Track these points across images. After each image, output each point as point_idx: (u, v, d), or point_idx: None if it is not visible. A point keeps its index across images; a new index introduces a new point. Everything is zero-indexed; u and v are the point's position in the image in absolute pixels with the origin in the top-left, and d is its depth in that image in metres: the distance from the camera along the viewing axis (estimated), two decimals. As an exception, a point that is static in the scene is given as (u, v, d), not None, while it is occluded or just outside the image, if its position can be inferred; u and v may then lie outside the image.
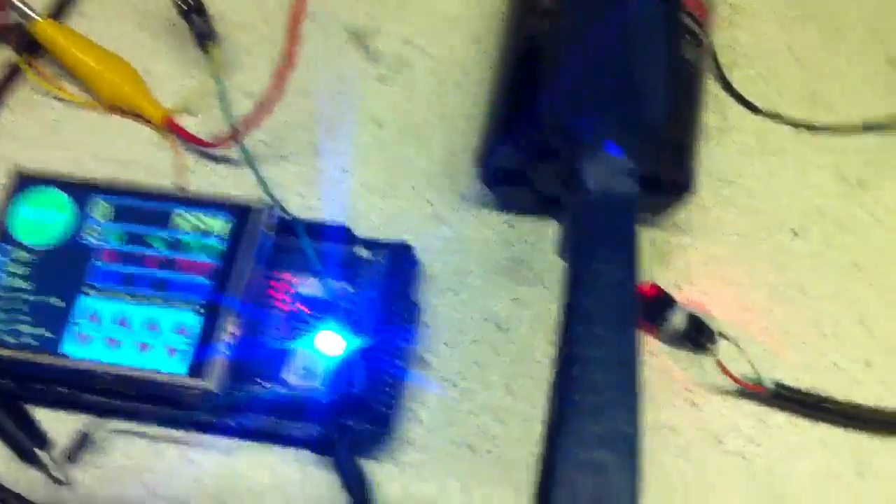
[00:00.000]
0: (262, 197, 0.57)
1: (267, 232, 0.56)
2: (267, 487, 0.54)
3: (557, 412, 0.45)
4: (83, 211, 0.57)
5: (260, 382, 0.53)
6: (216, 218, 0.56)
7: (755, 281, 0.58)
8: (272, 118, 0.61)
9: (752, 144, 0.63)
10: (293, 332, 0.55)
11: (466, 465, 0.54)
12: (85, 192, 0.57)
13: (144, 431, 0.55)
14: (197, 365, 0.53)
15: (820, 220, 0.60)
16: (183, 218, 0.56)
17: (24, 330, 0.54)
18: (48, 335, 0.54)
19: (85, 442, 0.55)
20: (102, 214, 0.56)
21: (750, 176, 0.62)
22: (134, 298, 0.54)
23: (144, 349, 0.53)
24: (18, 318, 0.54)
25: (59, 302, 0.54)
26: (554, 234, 0.53)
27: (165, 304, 0.54)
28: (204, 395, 0.52)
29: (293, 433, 0.54)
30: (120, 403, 0.54)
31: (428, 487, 0.54)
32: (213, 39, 0.64)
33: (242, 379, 0.54)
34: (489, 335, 0.58)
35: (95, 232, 0.56)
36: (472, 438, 0.55)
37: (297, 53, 0.58)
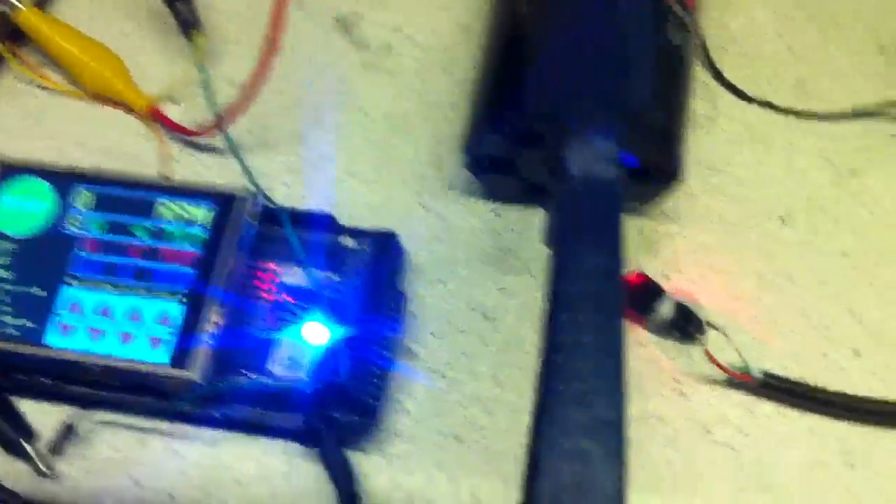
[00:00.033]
0: (246, 186, 0.56)
1: (251, 221, 0.55)
2: (253, 479, 0.54)
3: (541, 400, 0.44)
4: (65, 200, 0.56)
5: (244, 373, 0.53)
6: (199, 207, 0.55)
7: (743, 269, 0.58)
8: (257, 107, 0.61)
9: (740, 132, 0.62)
10: (278, 322, 0.54)
11: (454, 456, 0.54)
12: (67, 181, 0.57)
13: (130, 423, 0.55)
14: (179, 355, 0.52)
15: (808, 208, 0.60)
16: (166, 207, 0.55)
17: (6, 320, 0.53)
18: (30, 325, 0.53)
19: (70, 434, 0.54)
20: (85, 204, 0.56)
21: (738, 164, 0.61)
22: (116, 288, 0.54)
23: (127, 339, 0.53)
24: (0, 308, 0.54)
25: (41, 292, 0.54)
26: (541, 222, 0.53)
27: (148, 294, 0.54)
28: (187, 385, 0.52)
29: (278, 424, 0.53)
30: (104, 394, 0.54)
31: (415, 479, 0.53)
32: (197, 28, 0.63)
33: (227, 369, 0.53)
34: (476, 325, 0.57)
35: (78, 221, 0.55)
36: (459, 429, 0.55)
37: (280, 40, 0.57)
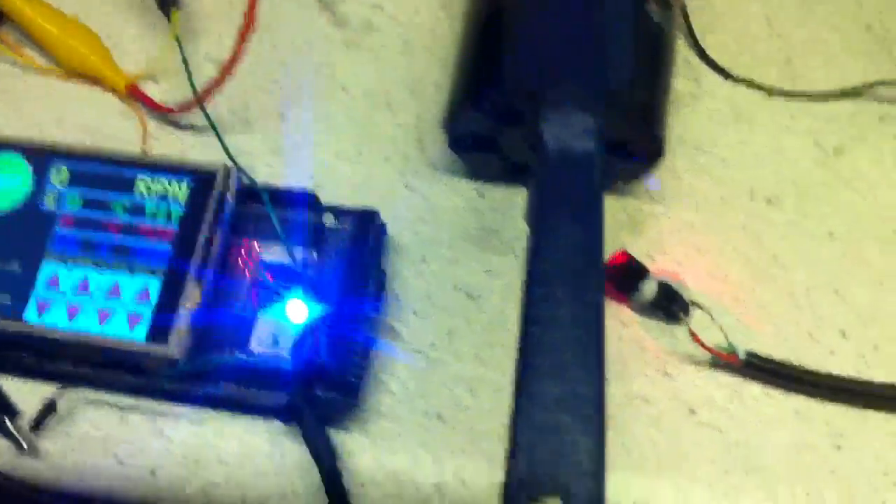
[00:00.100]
0: (225, 163, 0.55)
1: (229, 197, 0.55)
2: (237, 457, 0.53)
3: (518, 375, 0.44)
4: (43, 176, 0.55)
5: (224, 351, 0.52)
6: (178, 183, 0.55)
7: (729, 250, 0.58)
8: (238, 86, 0.60)
9: (726, 112, 0.62)
10: (258, 299, 0.54)
11: (438, 435, 0.53)
12: (44, 157, 0.56)
13: (112, 401, 0.54)
14: (157, 332, 0.52)
15: (794, 188, 0.59)
16: (144, 183, 0.55)
17: (-18, 297, 0.53)
18: (8, 302, 0.53)
19: (51, 411, 0.53)
20: (62, 180, 0.55)
21: (724, 144, 0.61)
22: (94, 265, 0.53)
23: (105, 316, 0.52)
24: (-23, 285, 0.53)
25: (18, 268, 0.53)
26: (524, 202, 0.52)
27: (127, 270, 0.53)
28: (165, 362, 0.51)
29: (260, 402, 0.53)
30: (84, 371, 0.53)
31: (399, 458, 0.53)
32: (175, 5, 0.62)
33: (206, 347, 0.53)
34: (460, 305, 0.57)
35: (55, 197, 0.55)
36: (443, 409, 0.54)
37: (256, 18, 0.57)
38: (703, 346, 0.53)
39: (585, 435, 0.42)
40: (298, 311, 0.53)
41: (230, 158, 0.56)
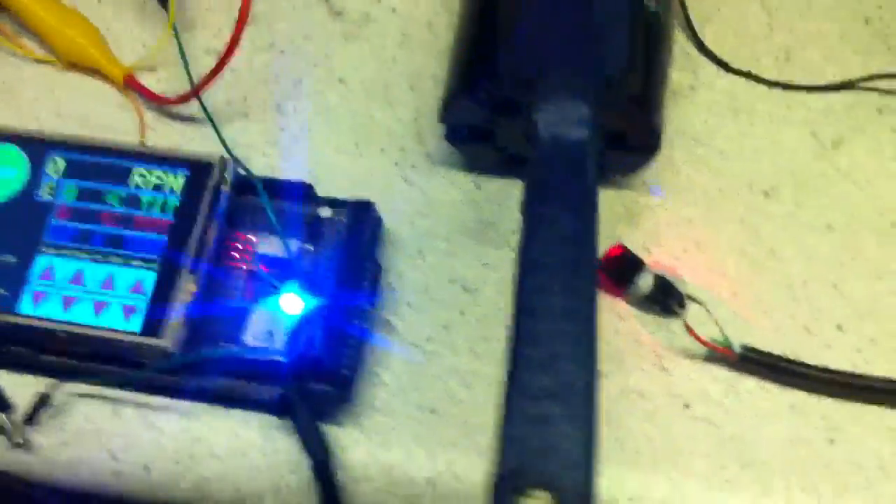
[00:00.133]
0: (221, 154, 0.55)
1: (225, 189, 0.54)
2: (230, 452, 0.53)
3: (509, 366, 0.44)
4: (39, 167, 0.55)
5: (218, 343, 0.52)
6: (173, 174, 0.55)
7: (726, 243, 0.57)
8: (236, 77, 0.60)
9: (724, 104, 0.61)
10: (253, 292, 0.54)
11: (432, 429, 0.53)
12: (40, 147, 0.56)
13: (106, 394, 0.54)
14: (152, 324, 0.52)
15: (792, 180, 0.59)
16: (140, 174, 0.55)
17: (-22, 288, 0.53)
18: (3, 293, 0.53)
19: (45, 405, 0.53)
20: (58, 170, 0.55)
21: (722, 136, 0.60)
22: (90, 256, 0.53)
23: (100, 308, 0.52)
24: (-28, 276, 0.53)
25: (13, 259, 0.53)
26: (521, 194, 0.52)
27: (122, 262, 0.53)
28: (159, 354, 0.51)
29: (254, 395, 0.53)
30: (77, 364, 0.53)
31: (393, 452, 0.53)
32: (173, -5, 0.62)
33: (201, 340, 0.52)
34: (455, 298, 0.57)
35: (51, 188, 0.55)
36: (437, 403, 0.54)
37: (253, 7, 0.57)
38: (698, 339, 0.53)
39: (576, 427, 0.42)
40: (293, 303, 0.52)
41: (226, 150, 0.56)
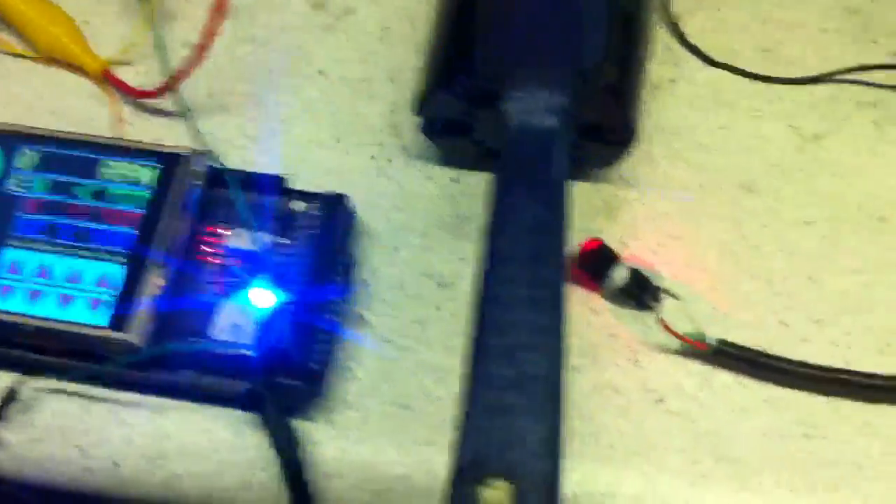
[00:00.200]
0: (193, 147, 0.55)
1: (196, 181, 0.54)
2: (200, 448, 0.53)
3: (470, 356, 0.43)
4: (9, 160, 0.55)
5: (187, 338, 0.52)
6: (144, 167, 0.54)
7: (704, 237, 0.57)
8: (214, 70, 0.60)
9: (705, 97, 0.61)
10: (223, 286, 0.53)
11: (405, 425, 0.53)
12: (11, 140, 0.56)
13: (74, 390, 0.54)
14: (119, 317, 0.51)
15: (773, 174, 0.58)
16: (110, 167, 0.54)
17: (-55, 283, 0.53)
18: (-30, 288, 0.53)
19: (12, 400, 0.53)
20: (28, 163, 0.55)
21: (702, 129, 0.60)
22: (57, 249, 0.53)
23: (66, 301, 0.52)
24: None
25: (-20, 253, 0.53)
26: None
27: (89, 255, 0.53)
28: (126, 348, 0.51)
29: (223, 390, 0.52)
30: (45, 359, 0.53)
31: (365, 448, 0.52)
32: (150, -12, 0.62)
33: (169, 334, 0.52)
34: (430, 293, 0.56)
35: (21, 181, 0.54)
36: (410, 398, 0.54)
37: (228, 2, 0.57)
38: (673, 333, 0.53)
39: (538, 418, 0.42)
40: (263, 297, 0.52)
41: (199, 142, 0.56)
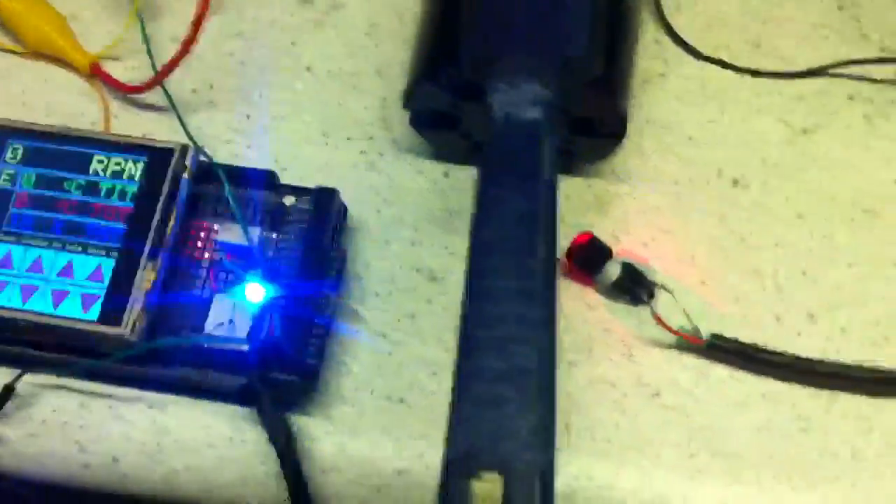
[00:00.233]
0: (183, 142, 0.55)
1: (185, 176, 0.54)
2: (198, 442, 0.53)
3: (460, 350, 0.43)
4: (-3, 155, 0.55)
5: (181, 333, 0.52)
6: (134, 162, 0.54)
7: (695, 231, 0.57)
8: (203, 65, 0.60)
9: (694, 91, 0.61)
10: (215, 280, 0.53)
11: (400, 419, 0.53)
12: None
13: (72, 386, 0.54)
14: (110, 312, 0.51)
15: (762, 168, 0.58)
16: (99, 161, 0.54)
17: (-65, 279, 0.52)
18: (-39, 284, 0.52)
19: (10, 396, 0.53)
20: (17, 158, 0.54)
21: (692, 124, 0.60)
22: (49, 244, 0.52)
23: (59, 296, 0.51)
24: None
25: (-29, 249, 0.53)
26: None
27: (81, 250, 0.52)
28: (118, 343, 0.51)
29: (218, 385, 0.52)
30: (41, 355, 0.53)
31: (360, 442, 0.52)
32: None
33: (162, 329, 0.52)
34: (422, 287, 0.56)
35: (9, 176, 0.54)
36: (405, 392, 0.54)
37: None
38: (667, 328, 0.53)
39: (528, 410, 0.42)
40: (256, 292, 0.52)
41: (188, 137, 0.56)
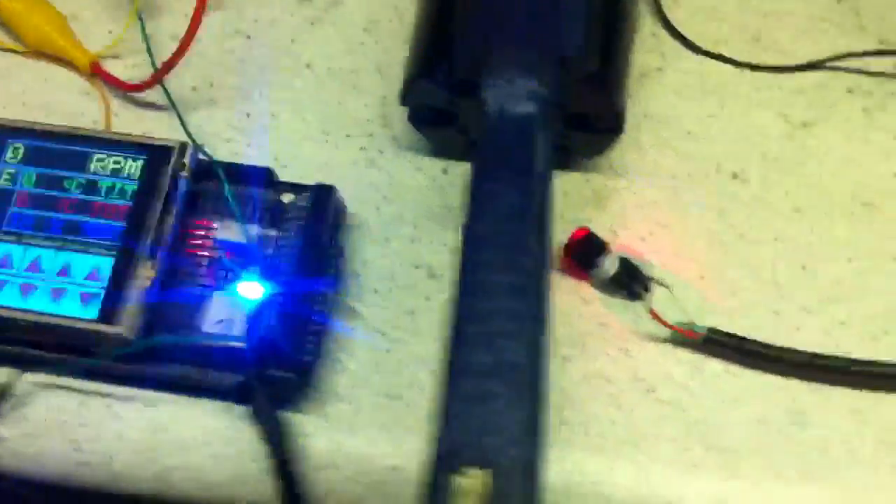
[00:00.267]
0: (181, 140, 0.55)
1: (184, 174, 0.54)
2: (193, 441, 0.53)
3: (450, 345, 0.43)
4: (-3, 154, 0.55)
5: (178, 331, 0.52)
6: (132, 159, 0.54)
7: (693, 226, 0.57)
8: (202, 63, 0.60)
9: (692, 85, 0.61)
10: (213, 278, 0.53)
11: (396, 416, 0.53)
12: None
13: (69, 385, 0.54)
14: (108, 310, 0.51)
15: (761, 162, 0.58)
16: (98, 160, 0.54)
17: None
18: (-40, 283, 0.52)
19: (7, 396, 0.53)
20: (17, 157, 0.55)
21: (690, 118, 0.60)
22: (48, 243, 0.53)
23: (58, 295, 0.52)
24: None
25: (-29, 248, 0.53)
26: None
27: (79, 248, 0.52)
28: (117, 341, 0.51)
29: (214, 383, 0.52)
30: (38, 354, 0.53)
31: (357, 439, 0.52)
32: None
33: (160, 327, 0.52)
34: (421, 284, 0.56)
35: (9, 175, 0.54)
36: (402, 389, 0.54)
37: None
38: (663, 322, 0.53)
39: (516, 405, 0.42)
40: (253, 289, 0.52)
41: (187, 135, 0.56)
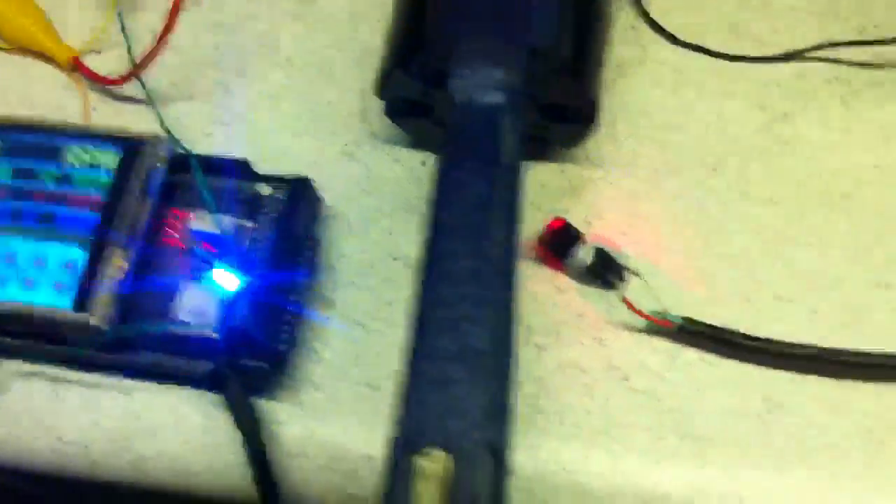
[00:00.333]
0: (157, 132, 0.55)
1: (158, 165, 0.54)
2: (168, 429, 0.53)
3: (412, 328, 0.43)
4: (-27, 147, 0.55)
5: (152, 320, 0.52)
6: (107, 151, 0.54)
7: (670, 217, 0.57)
8: (182, 56, 0.61)
9: (670, 77, 0.61)
10: (188, 268, 0.53)
11: (371, 405, 0.53)
12: (-25, 128, 0.56)
13: (44, 373, 0.54)
14: (81, 300, 0.51)
15: (739, 154, 0.58)
16: (73, 152, 0.54)
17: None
18: (-65, 274, 0.52)
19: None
20: (-7, 151, 0.55)
21: (668, 109, 0.60)
22: (21, 233, 0.53)
23: (31, 285, 0.52)
24: None
25: (-53, 240, 0.53)
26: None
27: (53, 238, 0.53)
28: (91, 330, 0.51)
29: (188, 371, 0.52)
30: (13, 343, 0.53)
31: (331, 428, 0.52)
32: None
33: (134, 316, 0.52)
34: (398, 275, 0.56)
35: (-15, 168, 0.54)
36: (377, 379, 0.54)
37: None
38: (637, 312, 0.53)
39: (478, 389, 0.42)
40: (227, 279, 0.52)
41: (164, 127, 0.56)
